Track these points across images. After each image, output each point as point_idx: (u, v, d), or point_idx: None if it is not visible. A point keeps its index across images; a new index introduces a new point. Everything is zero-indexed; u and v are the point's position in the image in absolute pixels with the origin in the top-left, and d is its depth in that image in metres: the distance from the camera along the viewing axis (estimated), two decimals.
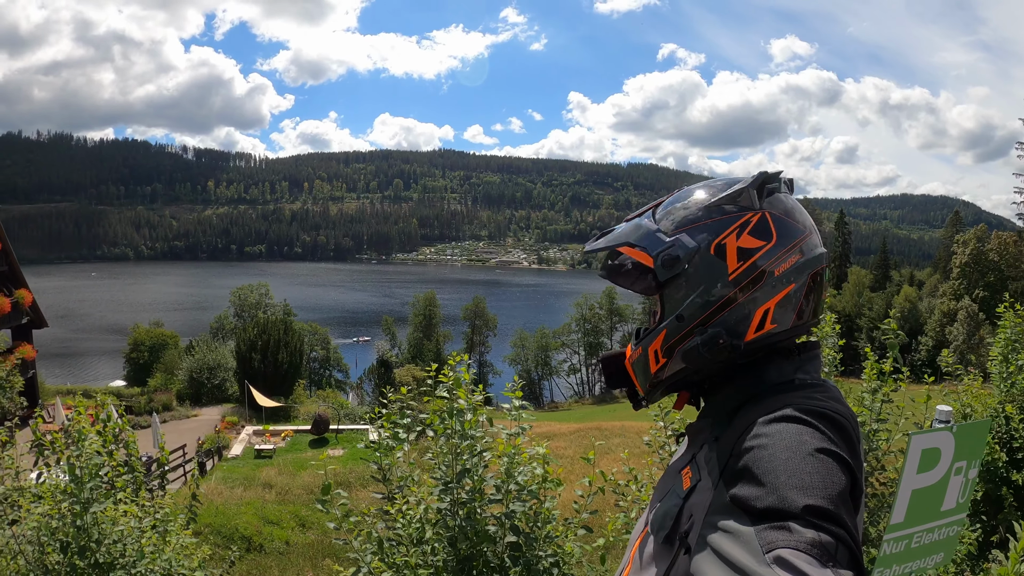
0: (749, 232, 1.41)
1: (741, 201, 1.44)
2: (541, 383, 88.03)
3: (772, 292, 1.40)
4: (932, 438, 3.54)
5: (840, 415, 1.24)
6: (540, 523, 4.16)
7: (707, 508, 1.22)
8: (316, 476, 25.55)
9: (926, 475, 3.53)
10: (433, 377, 4.48)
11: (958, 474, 3.65)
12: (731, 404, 1.42)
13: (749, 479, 1.11)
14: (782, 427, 1.18)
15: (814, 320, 1.49)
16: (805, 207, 1.50)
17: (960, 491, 3.71)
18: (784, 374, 1.42)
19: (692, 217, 1.46)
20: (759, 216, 1.42)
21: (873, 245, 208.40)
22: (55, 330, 48.40)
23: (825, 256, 1.48)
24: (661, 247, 1.46)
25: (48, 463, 4.98)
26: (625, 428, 34.89)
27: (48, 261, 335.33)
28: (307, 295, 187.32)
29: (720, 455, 1.28)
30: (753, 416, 1.26)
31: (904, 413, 5.49)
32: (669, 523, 1.35)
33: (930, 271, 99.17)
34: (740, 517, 1.08)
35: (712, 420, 1.46)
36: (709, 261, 1.42)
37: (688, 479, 1.38)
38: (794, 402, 1.25)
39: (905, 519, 3.56)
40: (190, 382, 47.65)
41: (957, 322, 67.26)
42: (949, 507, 3.71)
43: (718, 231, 1.42)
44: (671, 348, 1.47)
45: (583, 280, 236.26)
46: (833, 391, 1.38)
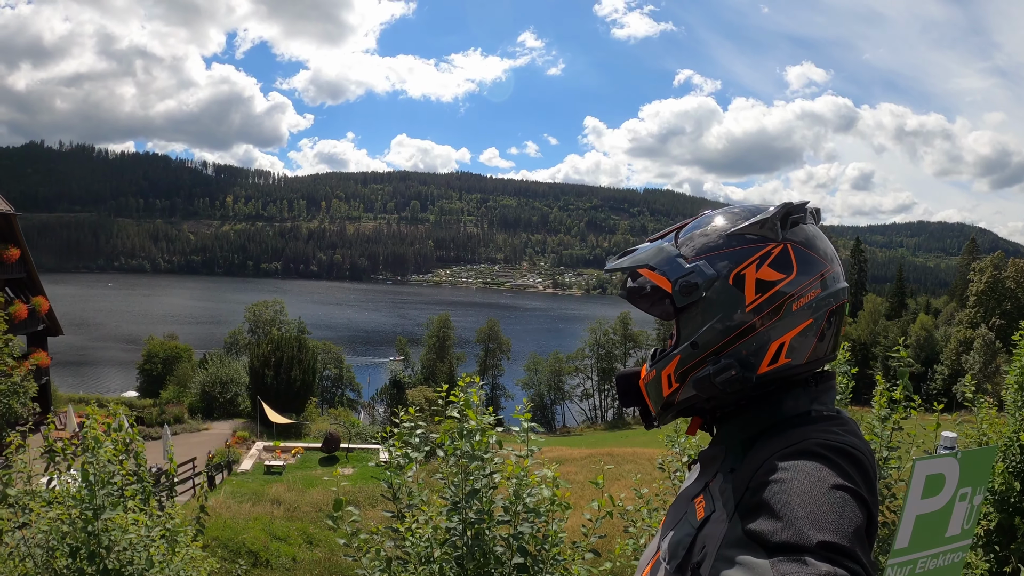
0: (769, 264, 1.39)
1: (764, 231, 1.42)
2: (553, 407, 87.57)
3: (789, 326, 1.38)
4: (936, 464, 3.51)
5: (858, 450, 1.23)
6: (548, 545, 4.14)
7: (721, 540, 1.21)
8: (325, 494, 25.53)
9: (930, 500, 3.51)
10: (444, 398, 4.49)
11: (963, 500, 3.62)
12: (746, 434, 1.41)
13: (766, 513, 1.10)
14: (800, 463, 1.16)
15: (831, 355, 1.45)
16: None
17: (965, 517, 3.67)
18: (800, 405, 1.40)
19: (713, 244, 1.45)
20: (781, 248, 1.40)
21: (889, 273, 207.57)
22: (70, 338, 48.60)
23: (846, 291, 1.45)
24: (681, 273, 1.44)
25: (59, 469, 5.01)
26: (637, 455, 34.63)
27: (66, 270, 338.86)
28: (322, 313, 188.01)
29: (736, 488, 1.27)
30: (770, 449, 1.25)
31: (915, 441, 5.45)
32: (682, 552, 1.33)
33: (946, 299, 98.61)
34: (755, 551, 1.06)
35: (726, 449, 1.45)
36: (727, 290, 1.40)
37: (702, 509, 1.36)
38: (812, 436, 1.25)
39: (909, 544, 3.53)
40: (202, 396, 47.74)
41: (973, 351, 66.44)
42: (954, 533, 3.68)
43: (738, 261, 1.41)
44: (684, 374, 1.46)
45: (598, 305, 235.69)
46: (850, 424, 1.37)
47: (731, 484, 1.30)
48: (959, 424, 6.27)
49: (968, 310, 75.32)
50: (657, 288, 1.53)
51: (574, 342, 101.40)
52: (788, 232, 1.42)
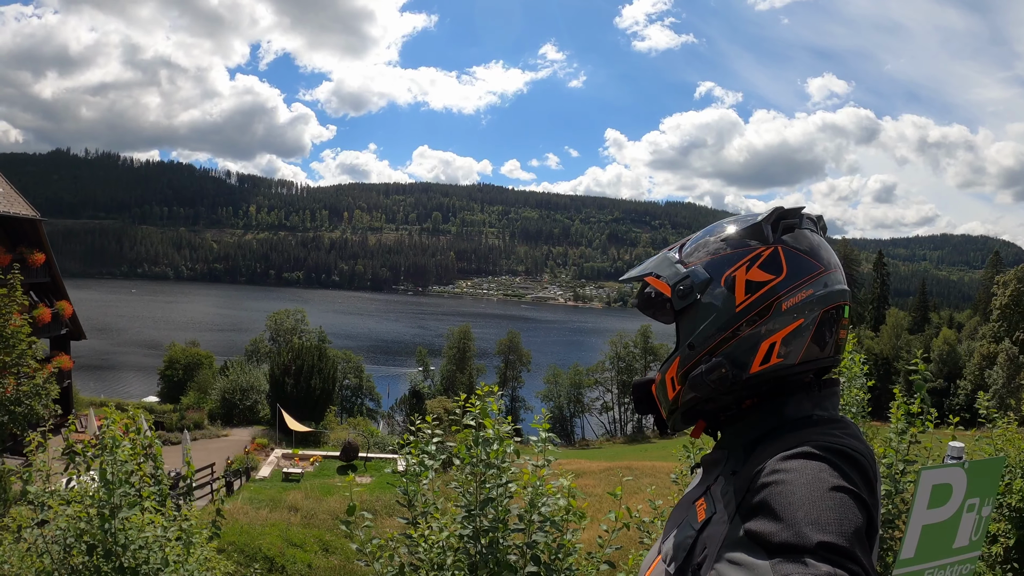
0: (759, 266, 1.45)
1: (755, 235, 1.49)
2: (573, 420, 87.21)
3: (779, 325, 1.42)
4: (943, 473, 3.52)
5: (858, 452, 1.24)
6: (562, 555, 4.12)
7: (721, 541, 1.23)
8: (342, 502, 25.52)
9: (937, 511, 3.51)
10: (462, 406, 4.49)
11: (971, 511, 3.61)
12: (748, 437, 1.44)
13: (766, 514, 1.11)
14: (800, 463, 1.18)
15: (828, 358, 1.48)
16: (842, 247, 1.54)
17: (973, 529, 3.66)
18: (802, 409, 1.43)
19: (710, 250, 1.53)
20: (771, 250, 1.46)
21: (912, 287, 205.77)
22: (92, 342, 48.99)
23: (841, 293, 1.48)
24: (678, 277, 1.53)
25: (79, 470, 5.05)
26: (655, 468, 34.42)
27: (90, 275, 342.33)
28: (343, 323, 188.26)
29: (737, 489, 1.29)
30: (771, 451, 1.26)
31: (932, 455, 5.38)
32: (682, 555, 1.36)
33: (969, 313, 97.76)
34: (755, 551, 1.07)
35: (728, 452, 1.49)
36: (720, 292, 1.47)
37: (703, 511, 1.39)
38: (812, 438, 1.26)
39: (916, 554, 3.53)
40: (222, 402, 47.97)
41: (997, 365, 65.40)
42: (962, 545, 3.67)
43: (730, 263, 1.47)
44: (685, 375, 1.51)
45: (618, 318, 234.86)
46: (851, 428, 1.38)
47: (732, 486, 1.33)
48: (977, 440, 6.18)
49: (991, 324, 74.26)
50: (660, 294, 1.58)
51: (594, 355, 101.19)
52: (781, 236, 1.48)
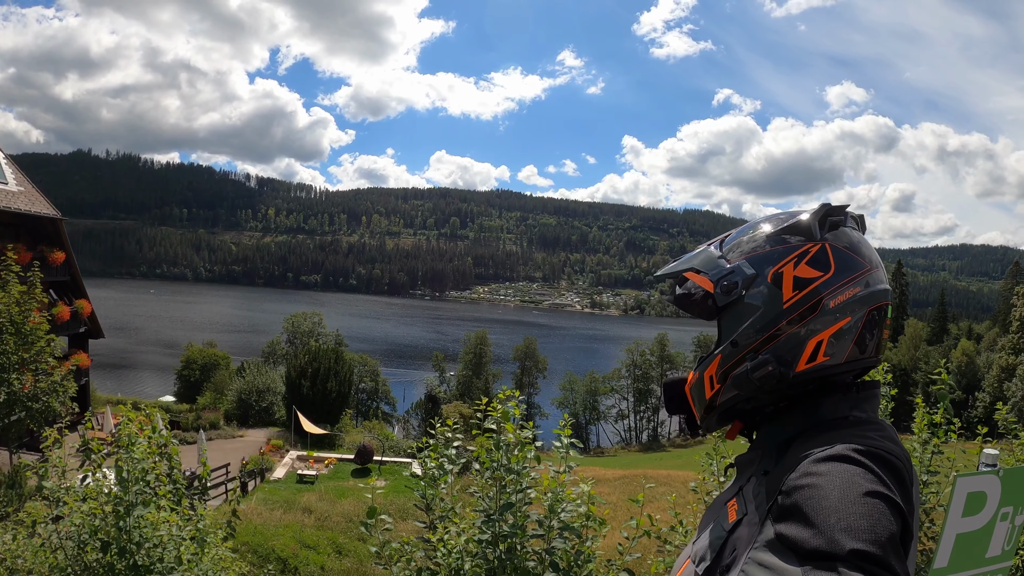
0: (807, 262, 1.43)
1: (802, 231, 1.47)
2: (588, 428, 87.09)
3: (826, 323, 1.40)
4: (978, 481, 3.46)
5: (894, 456, 1.21)
6: (581, 562, 4.08)
7: (751, 543, 1.22)
8: (356, 504, 25.58)
9: (971, 519, 3.45)
10: (482, 411, 4.45)
11: (1004, 520, 3.56)
12: (782, 437, 1.41)
13: (798, 518, 1.10)
14: (834, 466, 1.15)
15: (872, 358, 1.46)
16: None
17: (1006, 538, 3.60)
18: (839, 410, 1.40)
19: (754, 246, 1.51)
20: (819, 247, 1.44)
21: (931, 297, 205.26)
22: (111, 341, 49.23)
23: (887, 292, 1.47)
24: (722, 273, 1.51)
25: (94, 467, 5.05)
26: (671, 477, 34.34)
27: (109, 275, 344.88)
28: (360, 326, 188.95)
29: (769, 490, 1.27)
30: (804, 451, 1.24)
31: (955, 466, 5.30)
32: (712, 555, 1.34)
33: (989, 324, 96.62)
34: (787, 556, 1.07)
35: (762, 453, 1.46)
36: (766, 289, 1.45)
37: (734, 512, 1.37)
38: (847, 440, 1.23)
39: (949, 564, 3.47)
40: (239, 403, 48.23)
41: (1016, 378, 64.45)
42: (995, 554, 3.61)
43: (777, 260, 1.46)
44: (726, 374, 1.49)
45: (635, 326, 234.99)
46: (889, 430, 1.35)
47: (764, 487, 1.31)
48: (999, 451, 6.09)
49: (1011, 336, 73.15)
50: (700, 289, 1.56)
51: (610, 362, 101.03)
52: (827, 233, 1.47)
